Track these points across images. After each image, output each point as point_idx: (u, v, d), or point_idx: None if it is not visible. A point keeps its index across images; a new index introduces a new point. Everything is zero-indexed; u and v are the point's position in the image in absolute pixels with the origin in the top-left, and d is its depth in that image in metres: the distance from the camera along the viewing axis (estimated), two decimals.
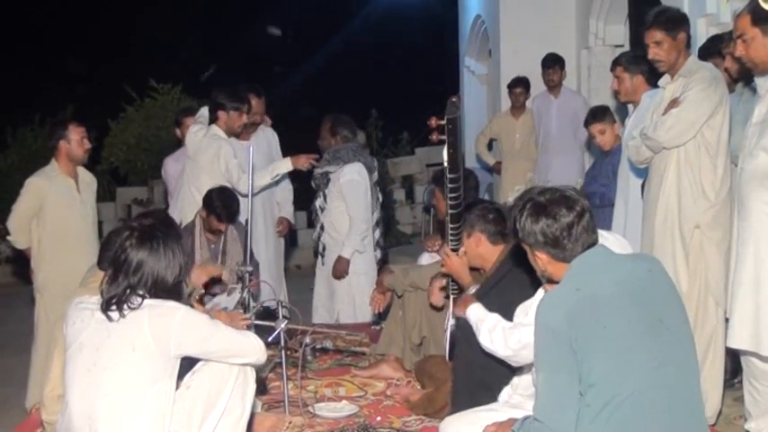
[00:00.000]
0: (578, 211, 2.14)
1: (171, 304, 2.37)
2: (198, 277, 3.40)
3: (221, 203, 4.15)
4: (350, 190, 4.64)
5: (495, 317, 2.73)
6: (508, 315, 2.70)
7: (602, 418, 2.01)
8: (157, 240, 2.41)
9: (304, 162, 4.59)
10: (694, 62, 3.44)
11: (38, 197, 4.31)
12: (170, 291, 2.43)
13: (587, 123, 4.62)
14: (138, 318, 2.32)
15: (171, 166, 5.27)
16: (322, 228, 4.78)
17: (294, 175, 5.04)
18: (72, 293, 3.04)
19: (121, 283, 2.36)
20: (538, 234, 2.15)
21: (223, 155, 4.48)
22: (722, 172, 3.30)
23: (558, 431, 2.04)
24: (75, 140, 4.40)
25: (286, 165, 4.62)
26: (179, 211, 4.62)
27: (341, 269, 4.68)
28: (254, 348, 2.52)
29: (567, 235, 2.12)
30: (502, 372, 2.74)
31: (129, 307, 2.32)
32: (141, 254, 2.38)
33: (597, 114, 4.57)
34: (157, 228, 2.49)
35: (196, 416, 2.42)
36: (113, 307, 2.33)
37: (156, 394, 2.32)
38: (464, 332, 2.89)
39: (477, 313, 2.79)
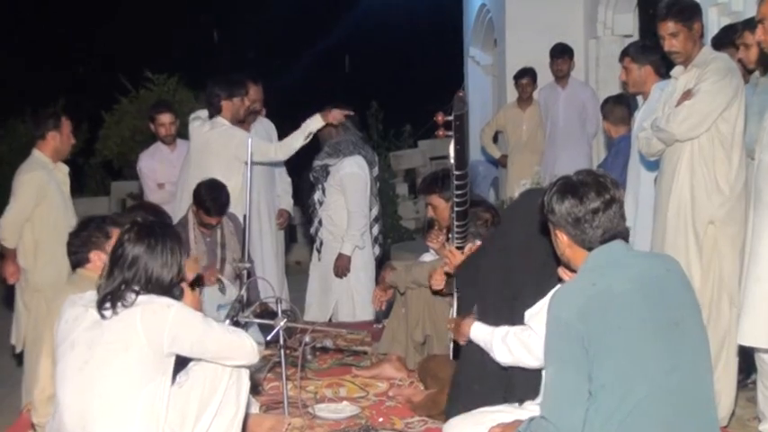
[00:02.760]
0: (606, 200, 2.13)
1: (164, 301, 2.34)
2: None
3: (209, 197, 4.11)
4: (350, 183, 4.57)
5: (503, 328, 2.64)
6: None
7: (613, 424, 1.98)
8: (155, 237, 2.38)
9: (336, 116, 4.43)
10: (709, 52, 3.39)
11: (40, 193, 4.16)
12: (166, 290, 2.38)
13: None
14: (130, 315, 2.29)
15: (146, 162, 5.16)
16: (320, 222, 4.73)
17: (292, 169, 4.97)
18: (61, 290, 2.98)
19: (117, 277, 2.34)
20: (563, 212, 2.15)
21: (237, 141, 4.37)
22: (737, 165, 3.25)
23: (565, 430, 2.01)
24: (66, 134, 4.28)
25: (316, 121, 4.45)
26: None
27: (342, 266, 4.62)
28: (246, 351, 2.48)
29: (591, 219, 2.12)
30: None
31: (122, 304, 2.30)
32: (137, 249, 2.35)
33: (605, 107, 4.57)
34: (158, 225, 2.47)
35: (190, 415, 2.39)
36: (107, 304, 2.30)
37: (150, 393, 2.29)
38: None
39: (481, 331, 2.71)
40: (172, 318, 2.30)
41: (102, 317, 2.30)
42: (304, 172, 4.80)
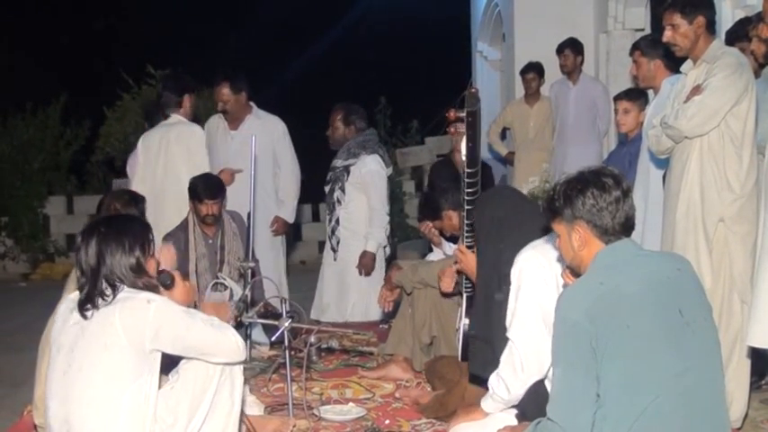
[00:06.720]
0: (624, 190, 2.13)
1: (143, 296, 2.29)
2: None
3: (200, 184, 4.07)
4: (372, 180, 4.61)
5: (492, 378, 2.69)
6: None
7: (623, 427, 1.95)
8: (104, 232, 2.33)
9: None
10: (719, 47, 3.31)
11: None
12: (139, 272, 2.32)
13: (618, 98, 4.51)
14: (109, 314, 2.25)
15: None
16: (337, 221, 4.69)
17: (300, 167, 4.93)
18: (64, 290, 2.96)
19: (89, 280, 2.31)
20: (586, 203, 2.10)
21: (197, 137, 4.40)
22: (748, 162, 3.18)
23: None
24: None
25: None
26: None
27: (368, 264, 4.60)
28: (231, 348, 2.41)
29: (614, 209, 2.10)
30: None
31: (102, 300, 2.26)
32: (92, 249, 2.32)
33: (630, 93, 4.46)
34: (102, 220, 2.44)
35: (182, 414, 2.36)
36: (88, 305, 2.27)
37: (134, 393, 2.24)
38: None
39: (488, 402, 2.74)
40: (152, 314, 2.25)
41: (84, 317, 2.26)
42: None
